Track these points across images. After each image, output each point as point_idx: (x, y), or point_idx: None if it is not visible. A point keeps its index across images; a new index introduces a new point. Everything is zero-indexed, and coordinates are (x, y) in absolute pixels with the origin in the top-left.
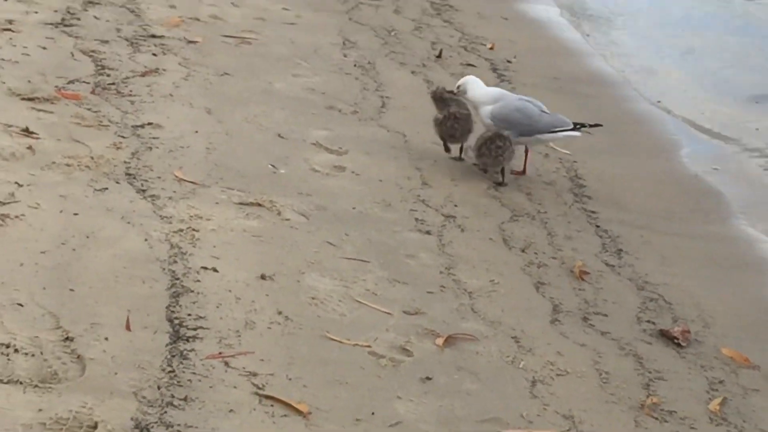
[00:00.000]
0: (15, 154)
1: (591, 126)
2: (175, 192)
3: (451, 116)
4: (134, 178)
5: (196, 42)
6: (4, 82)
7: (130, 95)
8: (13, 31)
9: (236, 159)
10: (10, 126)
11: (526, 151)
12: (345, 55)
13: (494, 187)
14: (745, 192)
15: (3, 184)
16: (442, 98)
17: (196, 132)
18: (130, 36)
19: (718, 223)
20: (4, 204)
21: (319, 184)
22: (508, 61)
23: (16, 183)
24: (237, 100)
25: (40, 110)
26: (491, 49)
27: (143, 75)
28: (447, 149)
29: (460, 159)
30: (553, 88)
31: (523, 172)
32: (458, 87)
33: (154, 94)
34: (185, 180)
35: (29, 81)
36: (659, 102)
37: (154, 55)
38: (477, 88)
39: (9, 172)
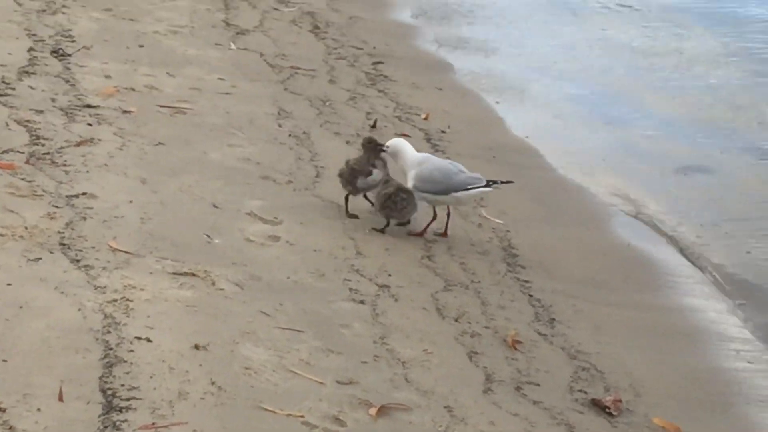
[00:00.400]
0: None
1: (502, 183)
2: (109, 262)
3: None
4: (68, 248)
5: (131, 112)
6: None
7: (65, 165)
8: None
9: (171, 229)
10: None
11: (448, 214)
12: (280, 125)
13: (427, 257)
14: (675, 261)
15: None
16: (373, 149)
17: (131, 202)
18: (65, 106)
19: (649, 293)
20: None
21: (253, 254)
22: (442, 131)
23: None
24: (172, 170)
25: None
26: (425, 119)
27: (78, 145)
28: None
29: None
30: (486, 158)
31: (445, 233)
32: (387, 146)
33: (88, 164)
34: (119, 250)
35: None
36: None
37: (89, 125)
38: (405, 151)
39: None
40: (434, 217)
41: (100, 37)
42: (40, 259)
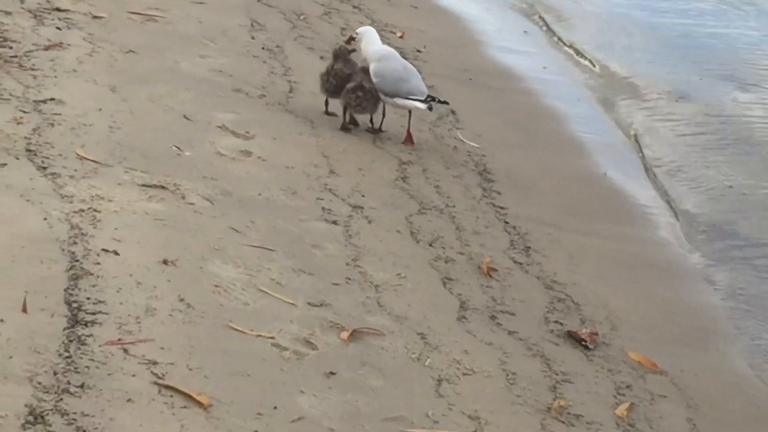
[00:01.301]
0: None
1: (440, 102)
2: (76, 171)
3: (333, 72)
4: (35, 154)
5: (102, 17)
6: None
7: (33, 69)
8: None
9: (140, 139)
10: None
11: (409, 116)
12: (253, 38)
13: (402, 179)
14: (650, 193)
15: None
16: (343, 56)
17: (100, 110)
18: (34, 8)
19: (624, 224)
20: None
21: (224, 168)
22: (418, 51)
23: None
24: (142, 78)
25: None
26: (401, 37)
27: (46, 49)
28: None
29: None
30: (462, 79)
31: (408, 139)
32: (356, 33)
33: (57, 69)
34: (87, 158)
35: None
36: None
37: (58, 29)
38: (371, 44)
39: None
40: (384, 114)
41: None
42: (5, 164)
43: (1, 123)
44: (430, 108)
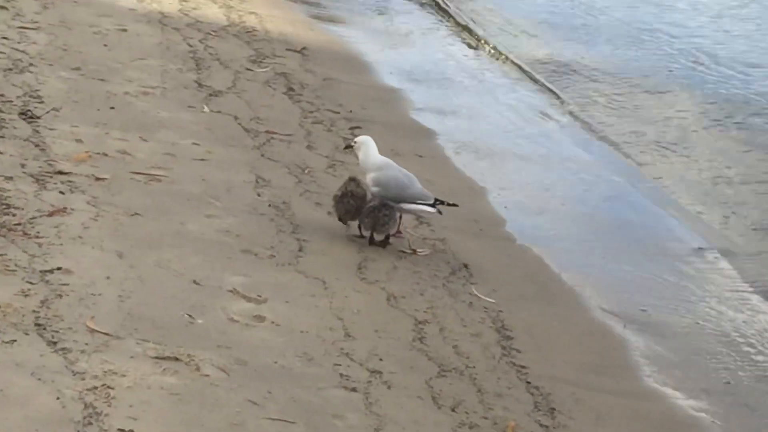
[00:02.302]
0: None
1: (448, 204)
2: (87, 344)
3: (349, 194)
4: (44, 329)
5: (105, 179)
6: None
7: (38, 237)
8: None
9: (151, 308)
10: None
11: (400, 216)
12: (259, 195)
13: (419, 339)
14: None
15: None
16: (351, 178)
17: (108, 278)
18: (36, 172)
19: (648, 379)
20: None
21: (238, 335)
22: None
23: None
24: (149, 243)
25: None
26: None
27: (51, 215)
28: (344, 223)
29: (361, 237)
30: (473, 231)
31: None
32: (355, 142)
33: (62, 235)
34: (98, 331)
35: None
36: None
37: (62, 193)
38: (369, 154)
39: None
40: (400, 221)
41: (70, 97)
42: (15, 341)
43: (7, 297)
44: (439, 211)
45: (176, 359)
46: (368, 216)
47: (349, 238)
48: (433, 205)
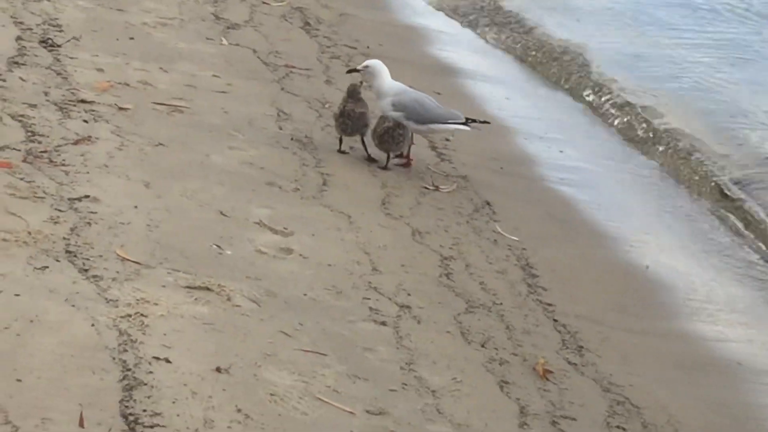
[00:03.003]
0: None
1: (481, 122)
2: (118, 272)
3: (346, 113)
4: (75, 256)
5: (127, 109)
6: None
7: (64, 165)
8: None
9: (179, 238)
10: None
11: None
12: (280, 128)
13: (446, 275)
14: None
15: None
16: (350, 92)
17: (135, 207)
18: (59, 100)
19: (672, 320)
20: None
21: (266, 267)
22: (447, 140)
23: None
24: (174, 173)
25: None
26: None
27: (76, 143)
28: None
29: (342, 152)
30: (493, 168)
31: (408, 160)
32: (365, 67)
33: (88, 164)
34: (128, 259)
35: None
36: None
37: (85, 121)
38: (383, 79)
39: None
40: (411, 142)
41: (88, 27)
42: (47, 267)
43: (38, 223)
44: (471, 127)
45: (207, 289)
46: (385, 137)
47: (371, 172)
48: (465, 123)
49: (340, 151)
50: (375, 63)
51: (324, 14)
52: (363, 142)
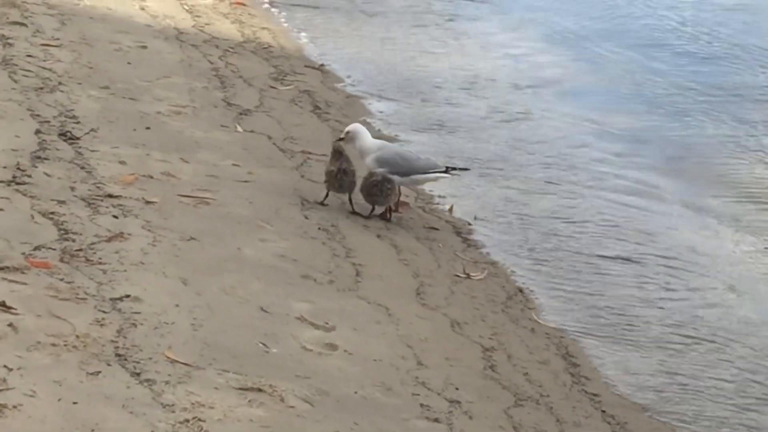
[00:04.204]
0: None
1: (460, 169)
2: (170, 375)
3: (341, 171)
4: (125, 359)
5: (155, 202)
6: None
7: (101, 263)
8: None
9: (224, 337)
10: None
11: (399, 193)
12: (306, 217)
13: (490, 368)
14: None
15: None
16: (339, 151)
17: (177, 306)
18: (86, 195)
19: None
20: None
21: (314, 364)
22: (469, 224)
23: (5, 367)
24: (209, 268)
25: (12, 281)
26: (450, 211)
27: (109, 240)
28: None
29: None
30: (522, 255)
31: (396, 209)
32: (347, 133)
33: (124, 261)
34: (178, 361)
35: None
36: None
37: (115, 217)
38: (364, 139)
39: None
40: (399, 196)
41: (104, 117)
42: (100, 372)
43: (84, 326)
44: (453, 175)
45: (259, 390)
46: (373, 190)
47: (402, 261)
48: (446, 171)
49: (322, 204)
50: (355, 126)
51: (332, 97)
52: (350, 198)
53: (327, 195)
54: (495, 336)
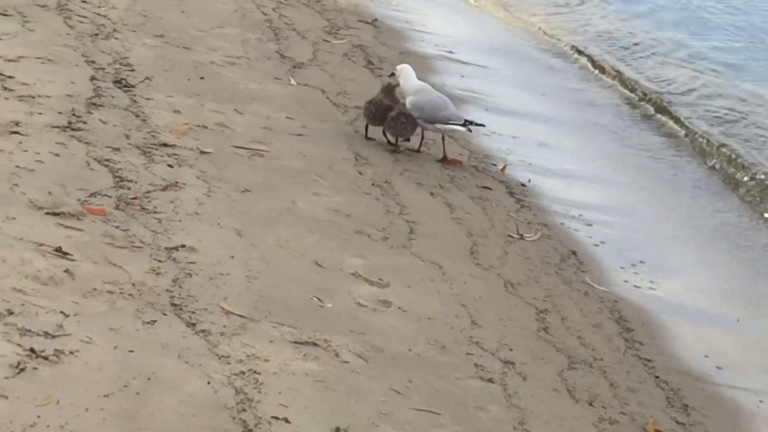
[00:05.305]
0: (54, 278)
1: (477, 125)
2: (225, 327)
3: (373, 101)
4: (180, 309)
5: (209, 153)
6: (24, 194)
7: (156, 212)
8: (21, 134)
9: (279, 290)
10: (41, 245)
11: (443, 138)
12: (360, 173)
13: (543, 329)
14: None
15: (49, 314)
16: (387, 87)
17: (232, 257)
18: (141, 144)
19: None
20: (55, 337)
21: (368, 320)
22: (522, 185)
23: (61, 312)
24: (264, 220)
25: (68, 227)
26: (503, 170)
27: (164, 189)
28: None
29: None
30: (573, 215)
31: (444, 158)
32: (396, 70)
33: (179, 211)
34: (233, 313)
35: (50, 193)
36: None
37: (170, 166)
38: (407, 80)
39: (51, 299)
40: (423, 138)
41: (159, 66)
42: (156, 321)
43: (140, 274)
44: (469, 129)
45: (314, 344)
46: (390, 123)
47: (456, 220)
48: (463, 125)
49: (366, 138)
50: (403, 66)
51: (384, 52)
52: (384, 133)
53: (366, 127)
54: (548, 298)
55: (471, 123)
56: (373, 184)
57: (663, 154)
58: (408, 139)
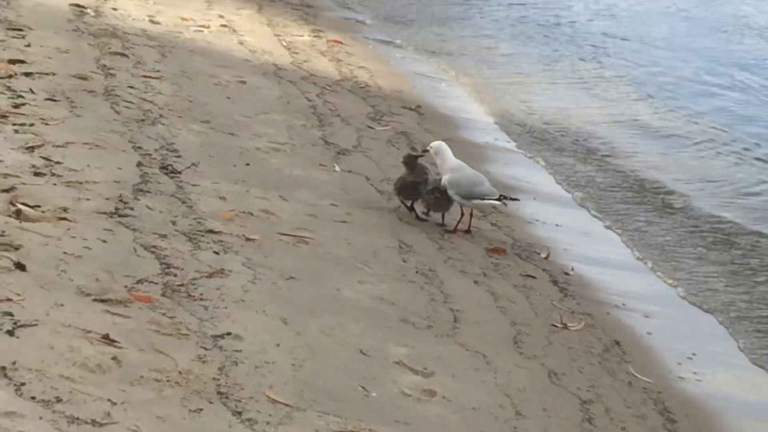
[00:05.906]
0: (101, 365)
1: (511, 199)
2: (271, 416)
3: (401, 179)
4: (226, 397)
5: (254, 240)
6: (72, 280)
7: (202, 299)
8: (69, 220)
9: (324, 378)
10: (89, 332)
11: (471, 214)
12: (404, 260)
13: (587, 420)
14: None
15: (96, 401)
16: (411, 162)
17: (278, 345)
18: (187, 230)
19: None
20: (102, 425)
21: (413, 410)
22: (566, 273)
23: (109, 400)
24: (309, 308)
25: (115, 314)
26: (546, 258)
27: (210, 276)
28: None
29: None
30: (617, 303)
31: (468, 230)
32: (430, 147)
33: (225, 298)
34: (279, 402)
35: (97, 279)
36: None
37: (216, 253)
38: (445, 157)
39: (99, 387)
40: (462, 215)
41: (205, 152)
42: (202, 410)
43: (186, 362)
44: (504, 203)
45: None
46: (425, 196)
47: (500, 309)
48: (498, 200)
49: (416, 217)
50: (439, 144)
51: (428, 138)
52: (412, 205)
53: (402, 202)
54: (592, 388)
55: (506, 198)
56: (417, 272)
57: None
58: (427, 213)
